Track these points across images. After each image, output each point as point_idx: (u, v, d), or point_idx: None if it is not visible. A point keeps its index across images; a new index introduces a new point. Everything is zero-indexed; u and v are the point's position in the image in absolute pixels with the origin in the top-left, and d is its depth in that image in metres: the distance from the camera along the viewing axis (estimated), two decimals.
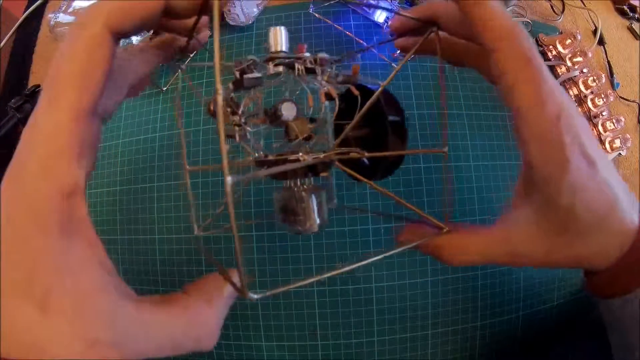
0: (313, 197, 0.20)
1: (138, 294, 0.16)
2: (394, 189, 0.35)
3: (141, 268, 0.36)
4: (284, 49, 0.19)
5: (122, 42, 0.17)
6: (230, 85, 0.19)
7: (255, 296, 0.14)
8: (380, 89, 0.20)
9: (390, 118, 0.21)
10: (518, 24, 0.17)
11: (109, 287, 0.15)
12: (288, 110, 0.18)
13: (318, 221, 0.20)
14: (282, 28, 0.19)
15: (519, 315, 0.35)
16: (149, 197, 0.37)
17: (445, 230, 0.20)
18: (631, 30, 0.47)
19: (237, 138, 0.19)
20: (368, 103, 0.20)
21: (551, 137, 0.16)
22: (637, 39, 0.47)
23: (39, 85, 0.43)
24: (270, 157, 0.19)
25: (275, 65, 0.19)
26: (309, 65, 0.19)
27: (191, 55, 0.40)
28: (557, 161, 0.16)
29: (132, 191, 0.38)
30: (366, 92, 0.21)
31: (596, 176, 0.17)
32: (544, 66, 0.17)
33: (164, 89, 0.40)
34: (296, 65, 0.19)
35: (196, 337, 0.17)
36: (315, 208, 0.20)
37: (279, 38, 0.19)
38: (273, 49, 0.19)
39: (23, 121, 0.40)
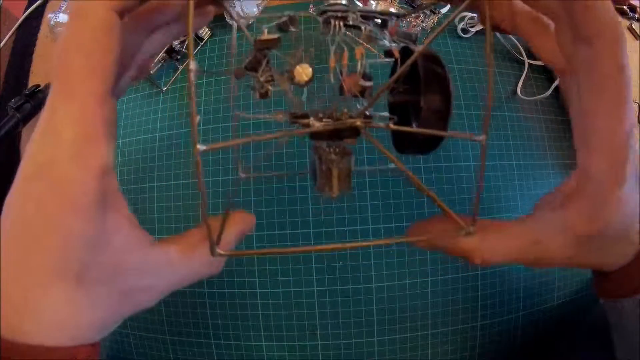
0: (336, 161, 0.19)
1: None
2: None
3: None
4: (343, 1, 0.19)
5: None
6: (252, 46, 0.19)
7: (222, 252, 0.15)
8: (418, 52, 0.17)
9: (427, 89, 0.18)
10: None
11: (137, 239, 0.17)
12: (301, 75, 0.18)
13: (337, 187, 0.19)
14: None
15: (519, 315, 0.35)
16: (149, 197, 0.37)
17: (467, 230, 0.18)
18: (631, 30, 0.47)
19: (257, 95, 0.20)
20: (406, 64, 0.17)
21: (620, 152, 0.16)
22: (637, 39, 0.47)
23: (38, 85, 0.43)
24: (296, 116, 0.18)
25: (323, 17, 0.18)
26: (352, 22, 0.18)
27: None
28: (617, 176, 0.16)
29: (132, 191, 0.38)
30: (426, 56, 0.19)
31: (635, 188, 0.17)
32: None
33: (164, 89, 0.40)
34: (332, 21, 0.18)
35: (208, 272, 0.19)
36: (336, 173, 0.19)
37: None
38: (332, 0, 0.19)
39: (23, 121, 0.40)
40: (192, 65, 0.13)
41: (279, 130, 0.21)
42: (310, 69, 0.18)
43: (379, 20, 0.20)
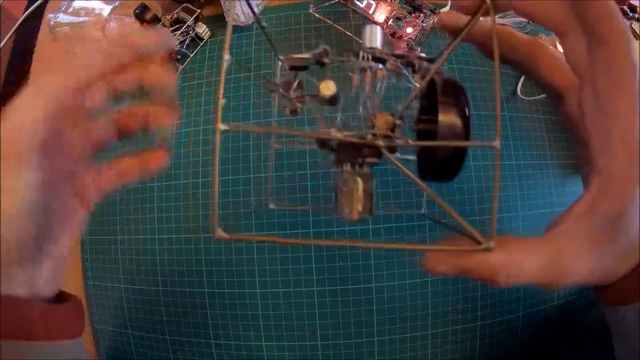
0: (358, 182, 0.19)
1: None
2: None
3: (141, 268, 0.36)
4: (377, 45, 0.21)
5: None
6: (285, 64, 0.22)
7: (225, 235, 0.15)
8: (429, 74, 0.19)
9: (442, 113, 0.19)
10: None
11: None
12: (325, 89, 0.19)
13: (358, 209, 0.19)
14: (378, 28, 0.21)
15: (519, 315, 0.35)
16: (149, 197, 0.37)
17: (486, 246, 0.16)
18: (631, 30, 0.47)
19: (288, 112, 0.22)
20: (424, 80, 0.19)
21: (637, 149, 0.16)
22: (637, 39, 0.47)
23: None
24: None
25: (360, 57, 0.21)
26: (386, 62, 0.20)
27: (191, 56, 0.40)
28: (635, 175, 0.16)
29: (132, 191, 0.38)
30: (449, 85, 0.20)
31: None
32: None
33: None
34: (360, 53, 0.20)
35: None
36: (354, 194, 0.19)
37: (374, 36, 0.21)
38: (368, 45, 0.21)
39: None
40: (226, 56, 0.15)
41: (306, 129, 0.23)
42: (333, 85, 0.20)
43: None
